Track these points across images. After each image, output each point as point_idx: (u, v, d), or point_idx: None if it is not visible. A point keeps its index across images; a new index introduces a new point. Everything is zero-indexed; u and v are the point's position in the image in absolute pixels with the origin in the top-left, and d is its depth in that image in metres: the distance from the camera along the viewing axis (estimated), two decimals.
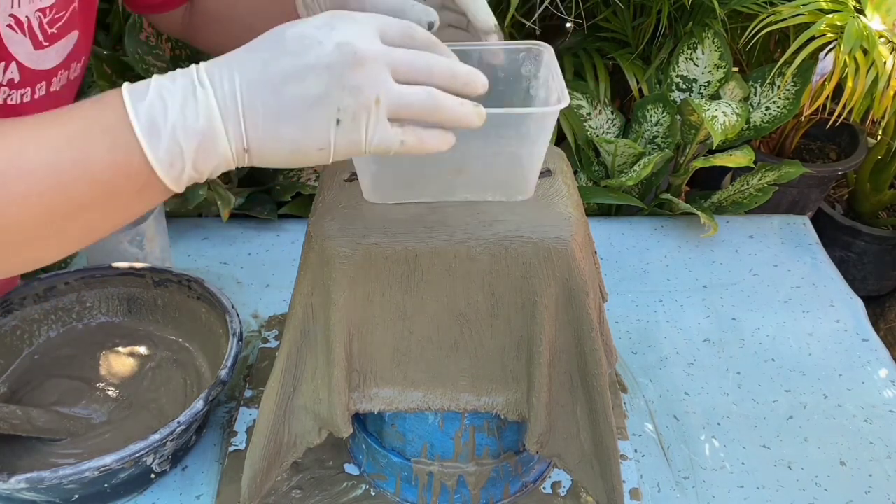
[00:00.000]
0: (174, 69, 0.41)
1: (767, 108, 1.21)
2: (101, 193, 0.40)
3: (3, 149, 0.38)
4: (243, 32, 0.72)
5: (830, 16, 1.11)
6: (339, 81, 0.39)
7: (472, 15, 0.57)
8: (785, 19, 1.13)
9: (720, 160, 1.13)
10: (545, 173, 0.60)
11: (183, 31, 0.78)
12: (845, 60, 1.08)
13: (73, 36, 0.62)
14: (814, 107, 1.20)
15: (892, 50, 1.11)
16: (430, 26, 0.51)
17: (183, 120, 0.39)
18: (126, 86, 0.40)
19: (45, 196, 0.39)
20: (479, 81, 0.43)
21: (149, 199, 0.42)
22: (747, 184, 1.18)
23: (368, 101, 0.39)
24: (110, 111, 0.39)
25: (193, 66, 0.41)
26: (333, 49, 0.39)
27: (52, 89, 0.62)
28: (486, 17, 0.57)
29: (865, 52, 1.09)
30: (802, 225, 1.13)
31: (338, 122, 0.40)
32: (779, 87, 1.21)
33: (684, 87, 1.22)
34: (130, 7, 0.78)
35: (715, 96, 1.20)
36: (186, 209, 1.07)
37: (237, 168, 0.43)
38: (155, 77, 0.41)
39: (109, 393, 0.79)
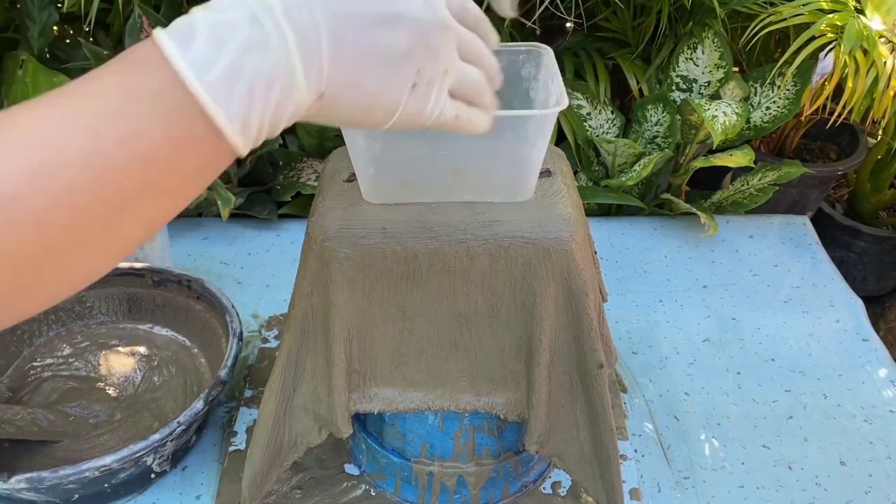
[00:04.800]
0: None
1: (767, 108, 1.21)
2: (157, 175, 0.32)
3: (27, 140, 0.30)
4: None
5: (830, 16, 1.11)
6: (424, 41, 0.36)
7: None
8: (785, 19, 1.13)
9: (720, 160, 1.13)
10: (545, 173, 0.60)
11: None
12: (845, 60, 1.08)
13: None
14: (814, 107, 1.20)
15: (893, 50, 1.11)
16: None
17: (254, 65, 0.31)
18: (161, 33, 0.32)
19: (90, 190, 0.31)
20: (499, 79, 0.44)
21: (212, 172, 0.35)
22: (747, 184, 1.18)
23: (440, 69, 0.38)
24: (154, 71, 0.31)
25: None
26: (422, 2, 0.36)
27: None
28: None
29: (865, 52, 1.09)
30: (802, 225, 1.13)
31: (414, 85, 0.37)
32: (779, 87, 1.21)
33: (684, 86, 1.22)
34: None
35: (715, 96, 1.20)
36: (186, 209, 1.07)
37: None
38: (196, 10, 0.32)
39: (109, 393, 0.79)
